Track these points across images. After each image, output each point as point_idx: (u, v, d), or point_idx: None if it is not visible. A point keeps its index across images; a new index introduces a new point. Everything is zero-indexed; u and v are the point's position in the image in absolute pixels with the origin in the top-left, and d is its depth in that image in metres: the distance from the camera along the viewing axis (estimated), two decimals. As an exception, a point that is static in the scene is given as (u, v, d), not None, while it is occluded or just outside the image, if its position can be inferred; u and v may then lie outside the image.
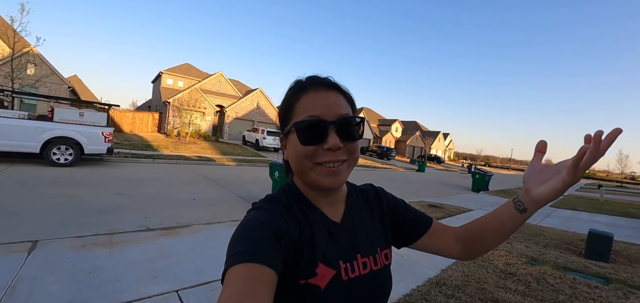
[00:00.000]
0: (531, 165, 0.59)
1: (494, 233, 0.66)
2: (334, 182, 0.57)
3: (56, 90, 19.55)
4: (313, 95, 0.58)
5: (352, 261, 0.61)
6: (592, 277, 3.69)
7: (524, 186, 0.60)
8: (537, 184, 0.57)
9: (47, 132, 7.81)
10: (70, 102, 10.90)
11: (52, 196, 5.13)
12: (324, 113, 0.56)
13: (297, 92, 0.60)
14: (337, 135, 0.56)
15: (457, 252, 0.73)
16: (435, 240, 0.74)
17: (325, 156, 0.56)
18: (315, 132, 0.56)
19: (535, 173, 0.58)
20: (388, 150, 32.42)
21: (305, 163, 0.58)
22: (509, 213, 0.62)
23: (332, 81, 0.61)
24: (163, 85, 28.34)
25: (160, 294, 2.50)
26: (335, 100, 0.59)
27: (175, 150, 15.06)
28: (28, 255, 2.92)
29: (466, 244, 0.72)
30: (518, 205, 0.60)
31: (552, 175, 0.55)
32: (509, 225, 0.63)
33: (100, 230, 3.81)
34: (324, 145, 0.56)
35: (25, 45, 14.99)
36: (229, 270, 0.45)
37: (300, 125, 0.56)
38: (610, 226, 7.56)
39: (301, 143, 0.56)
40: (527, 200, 0.58)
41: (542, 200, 0.56)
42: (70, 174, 7.16)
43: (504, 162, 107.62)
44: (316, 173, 0.57)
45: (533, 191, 0.57)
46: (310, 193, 0.63)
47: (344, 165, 0.58)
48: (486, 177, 13.35)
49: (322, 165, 0.57)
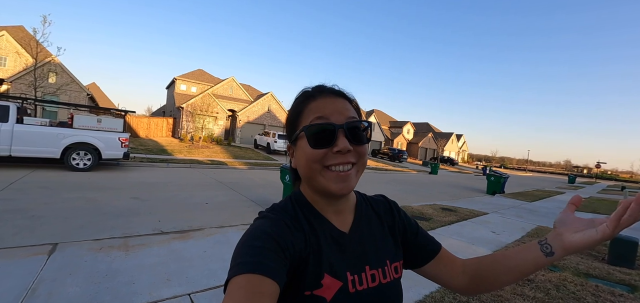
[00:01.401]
0: (565, 213, 0.58)
1: (509, 273, 0.63)
2: (343, 188, 0.57)
3: (76, 97, 20.32)
4: (321, 102, 0.60)
5: (360, 273, 0.60)
6: (616, 284, 3.53)
7: (555, 230, 0.59)
8: (572, 231, 0.56)
9: (67, 138, 8.12)
10: (88, 109, 11.30)
11: (72, 200, 5.31)
12: (333, 117, 0.58)
13: (305, 101, 0.62)
14: (346, 138, 0.57)
15: (460, 284, 0.70)
16: (441, 267, 0.71)
17: (334, 159, 0.56)
18: (324, 136, 0.56)
19: (569, 220, 0.57)
20: (400, 152, 32.08)
21: (314, 168, 0.57)
22: (533, 255, 0.59)
23: (338, 89, 0.63)
24: (177, 91, 29.02)
25: (173, 297, 2.54)
26: (343, 106, 0.60)
27: (188, 154, 15.36)
28: (48, 258, 3.02)
29: (474, 278, 0.68)
30: (545, 247, 0.58)
31: (586, 227, 0.54)
32: (529, 267, 0.60)
33: (117, 233, 3.92)
34: (334, 148, 0.56)
35: (47, 55, 15.68)
36: (231, 281, 0.46)
37: (310, 128, 0.57)
38: (635, 230, 7.20)
39: (311, 146, 0.57)
40: (558, 245, 0.57)
41: (575, 247, 0.55)
42: (88, 179, 7.41)
43: (520, 163, 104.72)
44: (325, 178, 0.57)
45: (566, 236, 0.56)
46: (318, 202, 0.62)
47: (353, 170, 0.58)
48: (502, 179, 13.00)
49: (331, 170, 0.57)
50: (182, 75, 30.08)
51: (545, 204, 11.28)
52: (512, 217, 7.65)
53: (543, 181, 30.07)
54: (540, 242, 0.59)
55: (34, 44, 13.57)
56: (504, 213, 8.21)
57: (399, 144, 45.42)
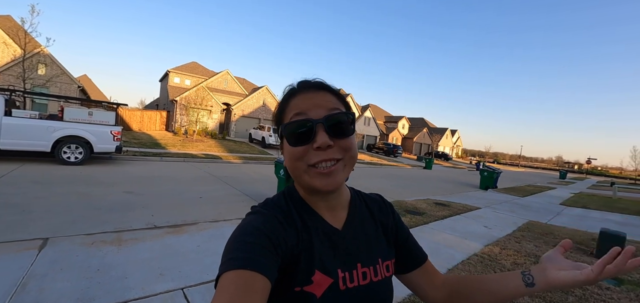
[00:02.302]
0: (554, 251, 0.59)
1: (487, 296, 0.63)
2: (328, 184, 0.55)
3: (66, 90, 19.93)
4: (301, 98, 0.58)
5: (351, 270, 0.59)
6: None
7: (540, 264, 0.59)
8: (557, 269, 0.56)
9: (57, 131, 7.98)
10: (79, 101, 11.10)
11: (63, 194, 5.24)
12: (311, 113, 0.56)
13: (287, 98, 0.60)
14: (325, 133, 0.54)
15: (437, 298, 0.70)
16: (425, 277, 0.71)
17: (316, 156, 0.55)
18: (303, 132, 0.55)
19: (557, 259, 0.57)
20: (395, 147, 32.20)
21: (298, 166, 0.57)
22: (515, 283, 0.59)
23: (320, 82, 0.61)
24: (170, 84, 28.65)
25: (166, 292, 2.53)
26: (324, 99, 0.58)
27: (182, 148, 15.23)
28: (39, 253, 2.98)
29: (452, 295, 0.68)
30: (527, 278, 0.58)
31: (570, 267, 0.55)
32: (508, 294, 0.60)
33: (109, 227, 3.88)
34: (314, 144, 0.54)
35: (36, 46, 15.29)
36: (222, 276, 0.45)
37: (288, 127, 0.57)
38: (623, 225, 7.38)
39: (291, 145, 0.56)
40: (541, 278, 0.57)
41: (557, 283, 0.55)
42: (80, 172, 7.30)
43: (513, 158, 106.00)
44: (309, 175, 0.56)
45: (550, 272, 0.56)
46: (310, 198, 0.62)
47: (339, 165, 0.56)
48: (495, 175, 13.15)
49: (315, 167, 0.55)
50: (176, 68, 29.68)
51: (537, 199, 11.46)
52: (505, 212, 7.76)
53: (535, 176, 30.51)
54: (523, 273, 0.59)
55: (22, 35, 13.22)
56: (497, 208, 8.32)
57: (394, 139, 45.58)
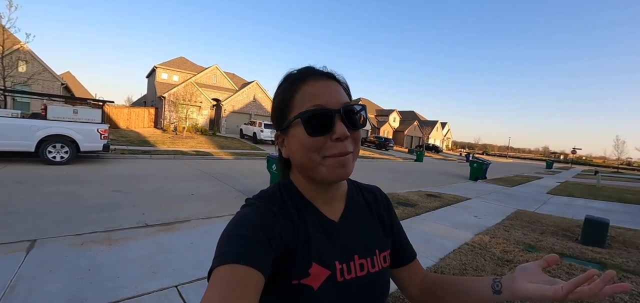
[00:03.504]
0: (533, 264, 0.56)
1: (456, 297, 0.64)
2: (344, 174, 0.55)
3: (49, 87, 19.32)
4: (313, 85, 0.56)
5: (348, 262, 0.59)
6: (588, 262, 3.74)
7: (514, 273, 0.57)
8: (528, 280, 0.54)
9: (41, 130, 7.75)
10: (63, 99, 10.78)
11: (49, 195, 5.11)
12: (329, 102, 0.54)
13: (294, 84, 0.57)
14: (343, 124, 0.54)
15: (414, 294, 0.71)
16: (409, 274, 0.72)
17: (334, 147, 0.54)
18: (322, 122, 0.53)
19: (532, 271, 0.55)
20: (386, 140, 32.43)
21: (313, 157, 0.54)
22: (483, 288, 0.60)
23: (329, 71, 0.59)
24: (158, 80, 28.08)
25: (159, 290, 2.50)
26: (336, 89, 0.57)
27: (172, 145, 15.00)
28: (26, 255, 2.91)
29: (426, 293, 0.70)
30: (496, 285, 0.57)
31: (543, 281, 0.52)
32: (475, 298, 0.61)
33: (99, 227, 3.80)
34: (332, 135, 0.53)
35: (15, 42, 14.72)
36: (214, 270, 0.45)
37: (306, 115, 0.53)
38: (607, 212, 7.64)
39: (309, 134, 0.53)
40: (509, 286, 0.55)
41: (524, 294, 0.53)
42: (66, 172, 7.12)
43: (501, 150, 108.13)
44: (326, 166, 0.54)
45: (519, 282, 0.54)
46: (308, 190, 0.61)
47: (350, 156, 0.56)
48: (484, 166, 13.40)
49: (331, 158, 0.54)
50: (163, 64, 29.07)
51: (525, 189, 11.74)
52: (494, 202, 7.93)
53: (523, 167, 31.23)
54: (494, 279, 0.58)
55: (0, 30, 12.73)
56: (486, 198, 8.49)
57: (386, 132, 45.86)
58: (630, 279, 3.24)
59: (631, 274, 3.38)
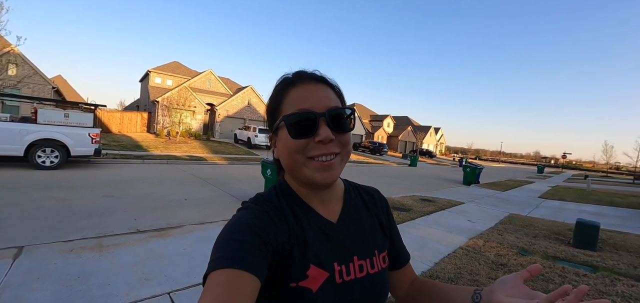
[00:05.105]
0: (514, 276, 0.54)
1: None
2: (327, 177, 0.55)
3: (40, 91, 19.03)
4: (301, 89, 0.57)
5: (347, 263, 0.59)
6: (580, 265, 3.79)
7: (493, 285, 0.56)
8: (505, 293, 0.52)
9: (31, 134, 7.59)
10: (54, 102, 10.59)
11: (39, 200, 4.99)
12: (314, 105, 0.55)
13: (284, 88, 0.59)
14: (328, 127, 0.54)
15: (400, 295, 0.72)
16: (400, 276, 0.72)
17: (317, 149, 0.54)
18: (305, 125, 0.54)
19: (511, 282, 0.53)
20: (380, 145, 32.57)
21: (297, 159, 0.56)
22: (463, 298, 0.59)
23: (319, 74, 0.60)
24: (151, 84, 27.81)
25: (152, 297, 2.46)
26: (324, 93, 0.58)
27: (165, 150, 14.83)
28: (13, 262, 2.83)
29: (411, 296, 0.71)
30: (476, 297, 0.57)
31: (521, 296, 0.50)
32: None
33: (89, 233, 3.73)
34: (316, 137, 0.54)
35: (5, 44, 14.47)
36: (209, 275, 0.44)
37: (290, 118, 0.55)
38: (597, 215, 7.76)
39: (291, 137, 0.55)
40: (488, 299, 0.54)
41: None
42: (56, 177, 6.98)
43: (494, 154, 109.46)
44: (309, 168, 0.55)
45: (497, 296, 0.52)
46: (303, 191, 0.61)
47: (337, 159, 0.56)
48: (477, 171, 13.53)
49: (314, 160, 0.55)
50: (157, 68, 28.83)
51: (517, 193, 11.88)
52: (487, 206, 8.01)
53: (515, 171, 31.64)
54: (476, 290, 0.58)
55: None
56: (479, 202, 8.57)
57: (380, 137, 46.09)
58: (622, 281, 3.28)
59: (623, 276, 3.42)
